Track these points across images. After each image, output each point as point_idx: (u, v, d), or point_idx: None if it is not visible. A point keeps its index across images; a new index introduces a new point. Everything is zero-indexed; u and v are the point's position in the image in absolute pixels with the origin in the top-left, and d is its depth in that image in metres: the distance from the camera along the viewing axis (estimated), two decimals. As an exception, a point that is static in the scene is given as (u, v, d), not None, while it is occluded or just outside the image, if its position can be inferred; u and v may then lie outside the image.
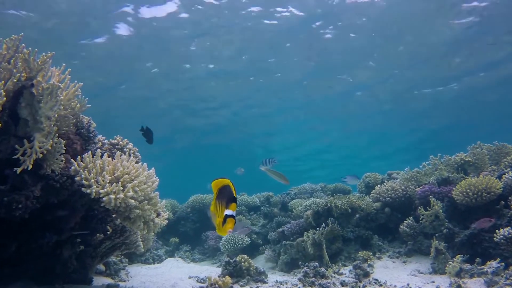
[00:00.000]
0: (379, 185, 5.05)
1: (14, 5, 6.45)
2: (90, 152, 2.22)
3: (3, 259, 2.15)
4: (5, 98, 1.80)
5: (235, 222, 1.20)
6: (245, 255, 3.62)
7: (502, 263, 3.02)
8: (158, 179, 2.33)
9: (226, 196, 1.24)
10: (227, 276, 2.88)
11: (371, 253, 4.19)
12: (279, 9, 7.49)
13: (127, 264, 3.82)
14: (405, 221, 4.23)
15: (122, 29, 7.64)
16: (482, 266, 3.13)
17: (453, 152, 4.92)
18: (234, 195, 1.23)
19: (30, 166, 1.84)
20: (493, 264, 3.05)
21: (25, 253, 2.24)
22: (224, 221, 1.20)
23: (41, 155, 1.89)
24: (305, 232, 4.35)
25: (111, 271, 3.36)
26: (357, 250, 4.39)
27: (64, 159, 2.09)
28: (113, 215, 2.58)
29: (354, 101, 12.02)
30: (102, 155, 2.28)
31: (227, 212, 1.20)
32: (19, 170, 1.83)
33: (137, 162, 2.49)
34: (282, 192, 7.02)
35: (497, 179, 3.72)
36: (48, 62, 1.98)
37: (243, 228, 4.77)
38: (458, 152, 4.85)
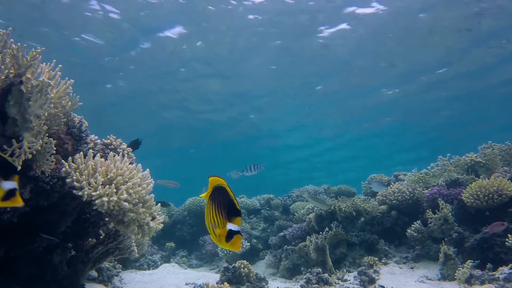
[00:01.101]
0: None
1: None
2: (81, 153, 2.22)
3: (-9, 265, 2.15)
4: (-8, 96, 1.80)
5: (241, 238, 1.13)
6: (245, 261, 3.62)
7: (515, 269, 3.02)
8: (153, 181, 2.33)
9: (225, 204, 1.15)
10: (225, 283, 2.88)
11: (376, 259, 4.19)
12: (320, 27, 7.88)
13: (120, 270, 3.82)
14: (412, 225, 4.23)
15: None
16: (494, 272, 3.13)
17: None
18: (238, 206, 1.14)
19: (19, 167, 1.84)
20: (505, 270, 3.05)
21: (14, 258, 2.24)
22: (230, 237, 1.11)
23: (30, 156, 1.89)
24: (307, 237, 4.35)
25: (104, 278, 3.36)
26: (362, 255, 4.40)
27: (54, 159, 2.09)
28: (106, 219, 2.58)
29: (385, 112, 12.54)
30: (94, 156, 2.27)
31: (233, 227, 1.11)
32: (7, 171, 1.82)
33: (131, 163, 2.48)
34: (283, 194, 7.02)
35: (509, 180, 3.73)
36: (37, 58, 1.98)
37: None
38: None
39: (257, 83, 10.38)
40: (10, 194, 1.18)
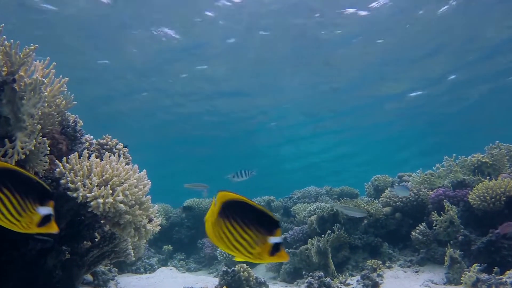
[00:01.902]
0: (389, 188, 5.05)
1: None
2: (76, 153, 2.21)
3: (-17, 268, 2.15)
4: (-16, 94, 1.80)
5: None
6: (244, 264, 3.62)
7: (522, 273, 3.02)
8: (150, 182, 2.33)
9: (252, 219, 1.05)
10: (224, 287, 2.88)
11: (380, 262, 4.19)
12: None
13: (116, 274, 3.82)
14: (417, 227, 4.23)
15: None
16: (501, 276, 3.13)
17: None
18: (275, 217, 1.06)
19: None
20: (512, 273, 3.05)
21: (7, 262, 2.23)
22: (277, 249, 1.05)
23: (23, 156, 1.89)
24: (309, 239, 4.35)
25: (100, 282, 3.36)
26: (365, 258, 4.40)
27: (48, 160, 2.08)
28: (102, 221, 2.58)
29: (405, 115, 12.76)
30: (89, 156, 2.27)
31: (277, 240, 1.05)
32: (-1, 172, 1.82)
33: (127, 164, 2.48)
34: (284, 196, 7.02)
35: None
36: (31, 55, 1.98)
37: None
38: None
39: (279, 92, 10.74)
40: (45, 220, 1.21)
